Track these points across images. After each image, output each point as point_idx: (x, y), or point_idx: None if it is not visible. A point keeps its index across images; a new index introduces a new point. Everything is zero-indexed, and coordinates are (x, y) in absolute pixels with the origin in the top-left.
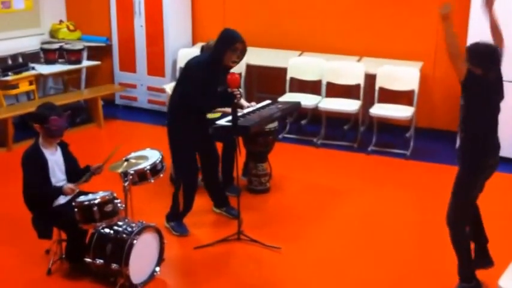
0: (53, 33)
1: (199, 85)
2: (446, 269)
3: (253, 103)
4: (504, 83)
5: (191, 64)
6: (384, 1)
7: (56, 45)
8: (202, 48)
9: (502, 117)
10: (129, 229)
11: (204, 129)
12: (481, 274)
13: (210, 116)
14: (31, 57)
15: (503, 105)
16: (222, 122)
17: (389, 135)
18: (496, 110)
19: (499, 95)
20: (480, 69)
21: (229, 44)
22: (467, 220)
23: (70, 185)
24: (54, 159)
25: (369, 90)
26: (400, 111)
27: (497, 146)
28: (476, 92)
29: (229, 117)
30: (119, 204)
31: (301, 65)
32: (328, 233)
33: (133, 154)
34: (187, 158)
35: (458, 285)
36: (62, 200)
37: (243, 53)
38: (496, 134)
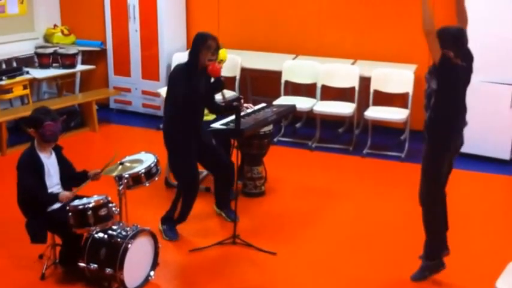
0: (47, 38)
1: (181, 99)
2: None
3: (250, 104)
4: (491, 84)
5: (171, 77)
6: (378, 4)
7: (50, 50)
8: None
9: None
10: (124, 233)
11: (199, 138)
12: (477, 276)
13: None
14: (25, 62)
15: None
16: (217, 125)
17: (384, 137)
18: (464, 94)
19: (468, 79)
20: (453, 52)
21: (202, 42)
22: (438, 199)
23: (66, 193)
24: (50, 163)
25: (363, 93)
26: (395, 114)
27: (463, 126)
28: (449, 76)
29: (224, 120)
30: (113, 208)
31: (296, 68)
32: (323, 236)
33: (128, 158)
34: (186, 167)
35: (422, 263)
36: (56, 204)
37: (217, 50)
38: (464, 115)
